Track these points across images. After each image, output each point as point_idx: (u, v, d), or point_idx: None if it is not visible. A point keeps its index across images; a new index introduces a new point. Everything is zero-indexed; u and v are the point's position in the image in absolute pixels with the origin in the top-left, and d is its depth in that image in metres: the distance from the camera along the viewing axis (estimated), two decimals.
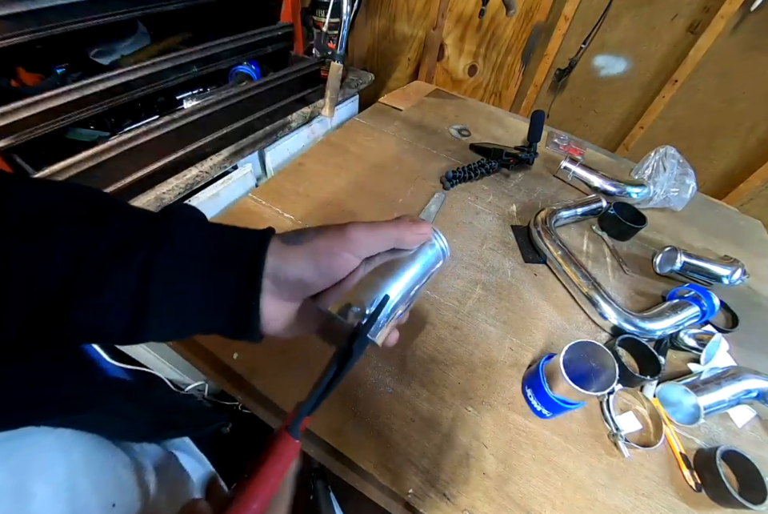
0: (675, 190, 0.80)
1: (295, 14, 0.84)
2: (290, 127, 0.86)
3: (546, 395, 0.45)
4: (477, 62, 1.27)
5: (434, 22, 1.19)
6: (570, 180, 0.87)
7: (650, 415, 0.51)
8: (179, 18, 0.75)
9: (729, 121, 1.02)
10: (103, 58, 0.69)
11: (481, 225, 0.73)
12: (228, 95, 0.70)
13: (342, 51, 0.82)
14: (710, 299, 0.58)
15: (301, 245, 0.23)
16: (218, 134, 0.72)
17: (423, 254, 0.27)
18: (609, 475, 0.45)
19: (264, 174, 0.88)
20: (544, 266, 0.68)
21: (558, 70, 1.14)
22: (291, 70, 0.82)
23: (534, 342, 0.56)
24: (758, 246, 0.85)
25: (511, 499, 0.41)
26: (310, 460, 0.88)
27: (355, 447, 0.43)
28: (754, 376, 0.50)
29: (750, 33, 0.89)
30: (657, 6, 0.95)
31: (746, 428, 0.52)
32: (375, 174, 0.79)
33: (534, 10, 1.08)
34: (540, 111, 0.85)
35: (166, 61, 0.62)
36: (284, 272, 0.23)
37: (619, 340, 0.55)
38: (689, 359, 0.58)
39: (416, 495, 0.40)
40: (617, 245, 0.75)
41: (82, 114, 0.54)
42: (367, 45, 1.40)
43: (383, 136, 0.90)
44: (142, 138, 0.59)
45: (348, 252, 0.23)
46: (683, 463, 0.46)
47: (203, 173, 0.69)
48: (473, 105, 1.11)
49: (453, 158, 0.87)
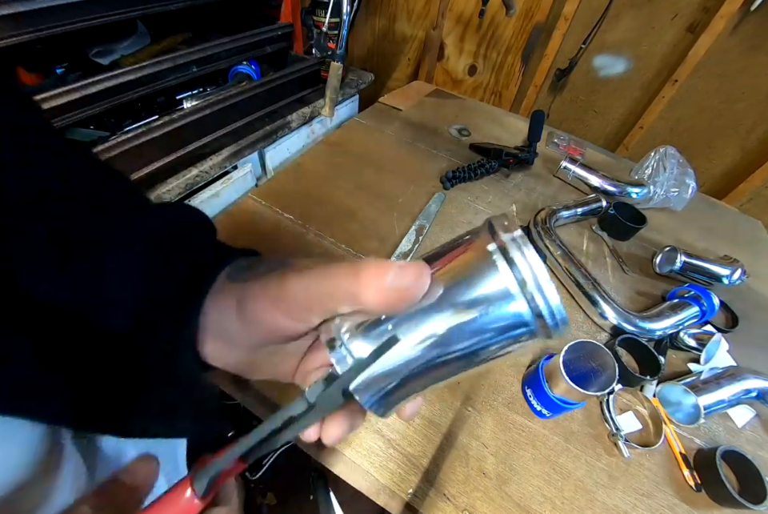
0: (675, 190, 0.80)
1: (295, 13, 0.84)
2: (290, 127, 0.86)
3: (546, 395, 0.44)
4: (477, 62, 1.27)
5: (434, 22, 1.19)
6: (569, 180, 0.87)
7: (650, 415, 0.51)
8: (179, 18, 0.75)
9: (729, 121, 1.02)
10: (103, 58, 0.69)
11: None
12: (228, 95, 0.70)
13: (342, 51, 0.81)
14: (710, 299, 0.58)
15: (238, 283, 0.19)
16: (217, 134, 0.72)
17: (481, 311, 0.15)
18: (609, 475, 0.45)
19: (264, 174, 0.88)
20: None
21: (557, 70, 1.14)
22: (291, 70, 0.82)
23: (534, 342, 0.56)
24: (758, 246, 0.85)
25: (511, 499, 0.41)
26: (309, 460, 0.88)
27: (355, 446, 0.43)
28: (753, 376, 0.50)
29: (749, 33, 0.89)
30: (657, 6, 0.95)
31: (746, 428, 0.52)
32: (375, 174, 0.79)
33: (534, 10, 1.08)
34: (540, 111, 0.85)
35: (165, 61, 0.62)
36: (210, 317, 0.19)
37: (619, 340, 0.55)
38: (689, 359, 0.58)
39: (416, 494, 0.40)
40: (617, 245, 0.75)
41: (82, 114, 0.54)
42: (367, 45, 1.40)
43: (383, 136, 0.90)
44: (141, 138, 0.59)
45: (281, 312, 0.17)
46: (683, 463, 0.46)
47: (203, 173, 0.69)
48: (473, 105, 1.11)
49: (453, 158, 0.87)
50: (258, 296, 0.17)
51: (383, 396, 0.16)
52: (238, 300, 0.18)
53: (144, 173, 0.61)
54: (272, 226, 0.65)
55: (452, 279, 0.15)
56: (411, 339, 0.15)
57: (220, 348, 0.20)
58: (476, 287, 0.14)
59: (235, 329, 0.18)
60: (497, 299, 0.14)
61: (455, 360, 0.16)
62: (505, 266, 0.14)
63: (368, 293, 0.14)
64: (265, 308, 0.17)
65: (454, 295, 0.15)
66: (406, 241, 0.65)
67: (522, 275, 0.14)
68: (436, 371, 0.16)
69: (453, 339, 0.15)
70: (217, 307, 0.19)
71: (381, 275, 0.14)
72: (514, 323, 0.15)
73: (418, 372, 0.16)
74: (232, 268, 0.20)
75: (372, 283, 0.14)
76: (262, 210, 0.67)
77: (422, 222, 0.69)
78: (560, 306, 0.14)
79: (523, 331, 0.15)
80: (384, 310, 0.15)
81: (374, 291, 0.14)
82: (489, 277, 0.14)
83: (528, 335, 0.15)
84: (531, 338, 0.15)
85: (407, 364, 0.15)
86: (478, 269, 0.14)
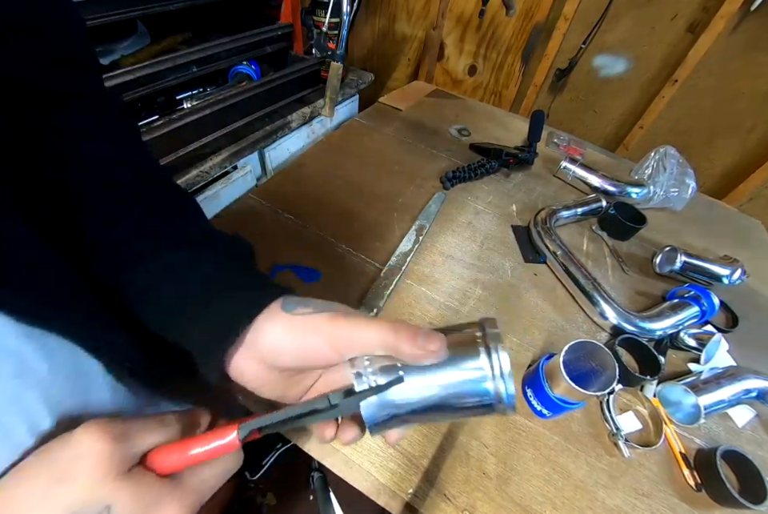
0: (675, 190, 0.80)
1: (295, 13, 0.84)
2: (290, 127, 0.86)
3: (546, 395, 0.45)
4: (477, 62, 1.27)
5: (434, 22, 1.19)
6: (569, 180, 0.87)
7: (649, 415, 0.51)
8: (179, 18, 0.75)
9: (729, 121, 1.02)
10: (103, 58, 0.69)
11: (481, 225, 0.73)
12: (228, 95, 0.70)
13: (342, 51, 0.81)
14: (710, 299, 0.58)
15: (291, 315, 0.22)
16: (217, 134, 0.72)
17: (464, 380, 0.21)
18: (609, 475, 0.45)
19: (264, 174, 0.88)
20: (544, 266, 0.68)
21: (557, 70, 1.14)
22: (291, 70, 0.82)
23: (534, 342, 0.56)
24: (758, 246, 0.85)
25: (511, 499, 0.41)
26: (310, 460, 0.88)
27: (355, 446, 0.43)
28: (753, 376, 0.50)
29: (749, 33, 0.89)
30: (657, 6, 0.95)
31: (746, 428, 0.52)
32: (375, 174, 0.79)
33: (534, 10, 1.08)
34: (540, 111, 0.85)
35: (165, 61, 0.62)
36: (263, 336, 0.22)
37: (619, 340, 0.55)
38: (689, 358, 0.58)
39: (416, 494, 0.40)
40: (617, 245, 0.75)
41: None
42: (367, 45, 1.40)
43: (383, 136, 0.90)
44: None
45: (329, 345, 0.21)
46: (683, 463, 0.46)
47: (203, 173, 0.69)
48: (473, 105, 1.11)
49: (453, 158, 0.87)
50: (312, 330, 0.22)
51: (381, 420, 0.22)
52: (292, 329, 0.22)
53: None
54: (272, 226, 0.65)
55: (451, 353, 0.21)
56: (413, 384, 0.21)
57: (247, 364, 0.23)
58: (464, 364, 0.21)
59: (284, 353, 0.22)
60: (474, 374, 0.21)
61: (438, 409, 0.22)
62: (485, 357, 0.21)
63: (404, 347, 0.20)
64: (316, 340, 0.21)
65: (450, 361, 0.21)
66: (406, 241, 0.65)
67: (492, 365, 0.20)
68: (423, 413, 0.22)
69: (441, 392, 0.21)
70: (267, 329, 0.22)
71: (413, 336, 0.20)
72: (481, 392, 0.21)
73: (410, 410, 0.21)
74: (285, 301, 0.23)
75: (408, 340, 0.20)
76: (262, 210, 0.67)
77: (422, 222, 0.69)
78: (513, 393, 0.20)
79: (485, 399, 0.21)
80: (412, 361, 0.21)
81: (408, 346, 0.20)
82: (473, 360, 0.21)
83: (487, 406, 0.21)
84: (489, 407, 0.21)
85: (405, 402, 0.21)
86: (468, 354, 0.21)
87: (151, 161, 0.29)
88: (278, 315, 0.22)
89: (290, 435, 0.43)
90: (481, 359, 0.21)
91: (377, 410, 0.21)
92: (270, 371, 0.23)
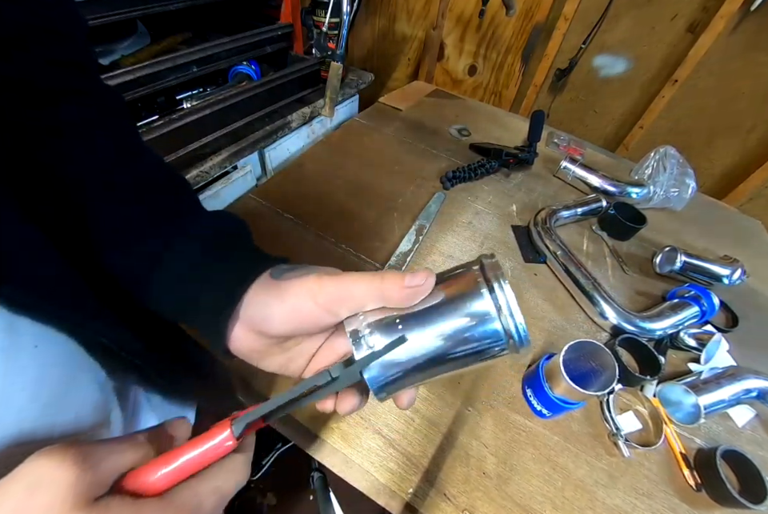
0: (675, 190, 0.80)
1: (295, 13, 0.84)
2: (290, 127, 0.86)
3: (546, 395, 0.45)
4: (477, 62, 1.27)
5: (434, 22, 1.19)
6: (569, 180, 0.87)
7: (649, 415, 0.51)
8: (179, 18, 0.75)
9: (729, 121, 1.02)
10: (103, 58, 0.69)
11: (481, 225, 0.73)
12: (228, 95, 0.70)
13: (342, 51, 0.82)
14: (710, 299, 0.58)
15: (279, 281, 0.22)
16: (217, 135, 0.72)
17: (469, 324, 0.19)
18: (609, 475, 0.45)
19: (264, 174, 0.88)
20: (544, 266, 0.68)
21: (557, 70, 1.14)
22: (291, 70, 0.82)
23: (534, 342, 0.56)
24: (758, 247, 0.85)
25: (511, 499, 0.41)
26: (310, 460, 0.88)
27: (355, 446, 0.43)
28: (753, 376, 0.50)
29: (749, 33, 0.89)
30: (657, 6, 0.95)
31: (746, 428, 0.52)
32: (375, 174, 0.79)
33: (534, 10, 1.08)
34: (540, 111, 0.85)
35: (165, 61, 0.62)
36: (253, 305, 0.22)
37: (619, 340, 0.55)
38: (689, 358, 0.58)
39: (416, 494, 0.40)
40: (617, 245, 0.75)
41: None
42: (367, 45, 1.40)
43: (383, 136, 0.90)
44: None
45: (317, 304, 0.21)
46: (683, 463, 0.46)
47: (203, 173, 0.69)
48: (473, 105, 1.11)
49: (453, 158, 0.87)
50: (300, 291, 0.21)
51: (386, 382, 0.20)
52: (279, 293, 0.21)
53: None
54: (272, 226, 0.65)
55: (450, 294, 0.20)
56: (416, 339, 0.20)
57: (245, 336, 0.22)
58: (465, 307, 0.19)
59: (274, 318, 0.21)
60: (479, 315, 0.19)
61: (447, 360, 0.20)
62: (487, 294, 0.19)
63: (392, 290, 0.20)
64: (305, 300, 0.21)
65: (449, 306, 0.20)
66: (406, 241, 0.65)
67: (499, 302, 0.19)
68: (431, 367, 0.20)
69: (446, 342, 0.20)
70: (258, 297, 0.22)
71: (399, 278, 0.20)
72: (490, 334, 0.19)
73: (417, 366, 0.20)
74: (274, 270, 0.23)
75: (395, 283, 0.20)
76: (262, 210, 0.67)
77: (422, 222, 0.69)
78: (524, 326, 0.19)
79: (495, 341, 0.19)
80: (402, 303, 0.20)
81: (396, 288, 0.19)
82: (476, 301, 0.19)
83: (499, 348, 0.20)
84: (501, 349, 0.20)
85: (410, 359, 0.20)
86: (470, 293, 0.20)
87: (153, 156, 0.29)
88: (265, 281, 0.22)
89: (291, 435, 0.43)
90: (484, 298, 0.19)
91: (380, 372, 0.20)
92: (266, 339, 0.22)
